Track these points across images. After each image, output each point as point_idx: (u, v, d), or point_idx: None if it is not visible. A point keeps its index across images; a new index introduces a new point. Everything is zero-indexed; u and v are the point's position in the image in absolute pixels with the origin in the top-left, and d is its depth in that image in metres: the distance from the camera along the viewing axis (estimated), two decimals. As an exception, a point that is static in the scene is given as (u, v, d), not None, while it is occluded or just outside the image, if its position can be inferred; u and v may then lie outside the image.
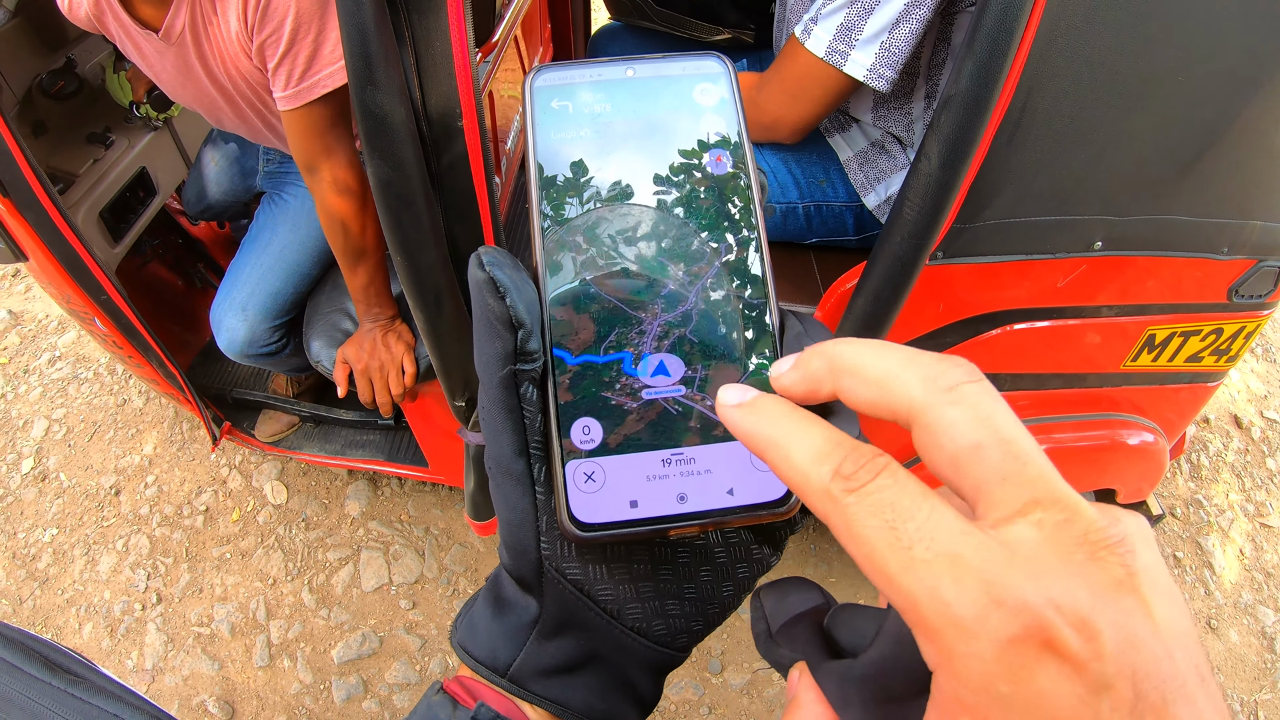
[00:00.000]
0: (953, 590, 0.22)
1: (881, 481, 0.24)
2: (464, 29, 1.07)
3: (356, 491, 2.61)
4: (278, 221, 1.92)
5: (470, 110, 1.14)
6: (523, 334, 0.32)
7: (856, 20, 1.31)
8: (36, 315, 3.48)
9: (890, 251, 1.21)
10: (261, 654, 2.29)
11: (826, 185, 1.61)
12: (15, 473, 2.89)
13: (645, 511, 0.32)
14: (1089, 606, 0.22)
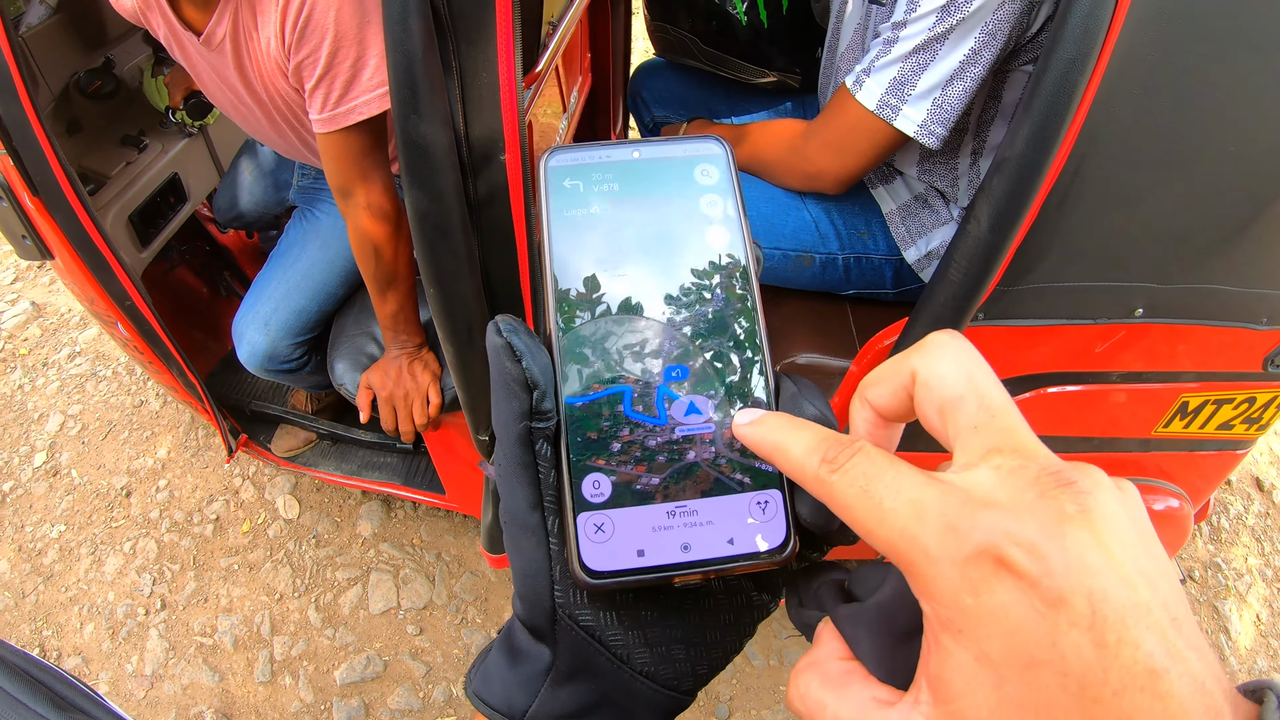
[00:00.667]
0: (916, 527, 0.27)
1: (856, 459, 0.30)
2: (513, 61, 1.06)
3: (369, 512, 2.59)
4: (308, 238, 1.90)
5: (514, 143, 1.13)
6: (538, 394, 0.35)
7: (910, 75, 1.29)
8: (59, 309, 3.49)
9: (932, 312, 1.19)
10: (263, 669, 2.26)
11: (868, 237, 1.59)
12: (27, 465, 2.88)
13: (652, 560, 0.35)
14: (1036, 532, 0.25)
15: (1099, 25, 0.96)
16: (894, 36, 1.29)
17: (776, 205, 1.58)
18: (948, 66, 1.27)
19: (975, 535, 0.26)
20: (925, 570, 0.27)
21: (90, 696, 0.58)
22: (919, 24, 1.25)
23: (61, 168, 1.52)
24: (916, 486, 0.28)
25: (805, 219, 1.58)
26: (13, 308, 3.54)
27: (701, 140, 0.42)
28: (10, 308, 3.55)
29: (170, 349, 1.87)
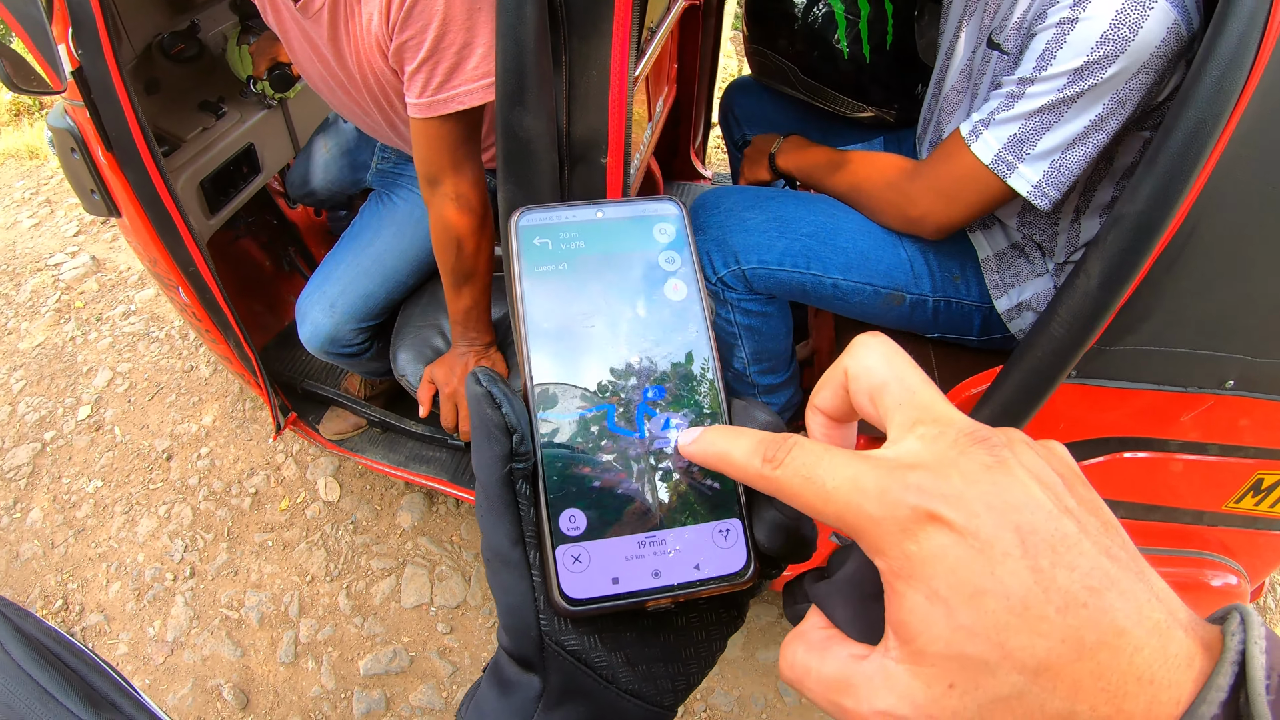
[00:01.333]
0: (858, 498, 0.30)
1: (794, 452, 0.33)
2: (626, 61, 1.03)
3: (411, 503, 2.56)
4: (382, 223, 1.87)
5: (618, 145, 1.10)
6: (516, 437, 0.38)
7: (1031, 134, 1.26)
8: (119, 266, 3.51)
9: (1029, 365, 1.15)
10: (287, 650, 2.24)
11: (960, 282, 1.56)
12: (71, 417, 2.89)
13: (625, 587, 0.38)
14: (958, 485, 0.29)
15: (1233, 87, 0.94)
16: (1018, 92, 1.26)
17: (872, 240, 1.55)
18: (1071, 130, 1.24)
19: (908, 495, 0.29)
20: (872, 532, 0.30)
21: (123, 688, 0.57)
22: (1048, 84, 1.22)
23: (139, 125, 1.50)
24: (851, 464, 0.31)
25: (900, 257, 1.54)
26: (73, 260, 3.57)
27: (658, 201, 0.45)
28: (70, 260, 3.58)
29: (229, 319, 1.85)
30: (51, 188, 4.14)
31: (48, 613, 2.36)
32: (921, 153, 1.72)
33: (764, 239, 1.57)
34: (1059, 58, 1.20)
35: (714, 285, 1.64)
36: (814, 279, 1.57)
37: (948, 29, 1.57)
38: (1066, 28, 1.18)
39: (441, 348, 1.80)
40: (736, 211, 1.60)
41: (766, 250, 1.56)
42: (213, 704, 2.15)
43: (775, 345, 1.76)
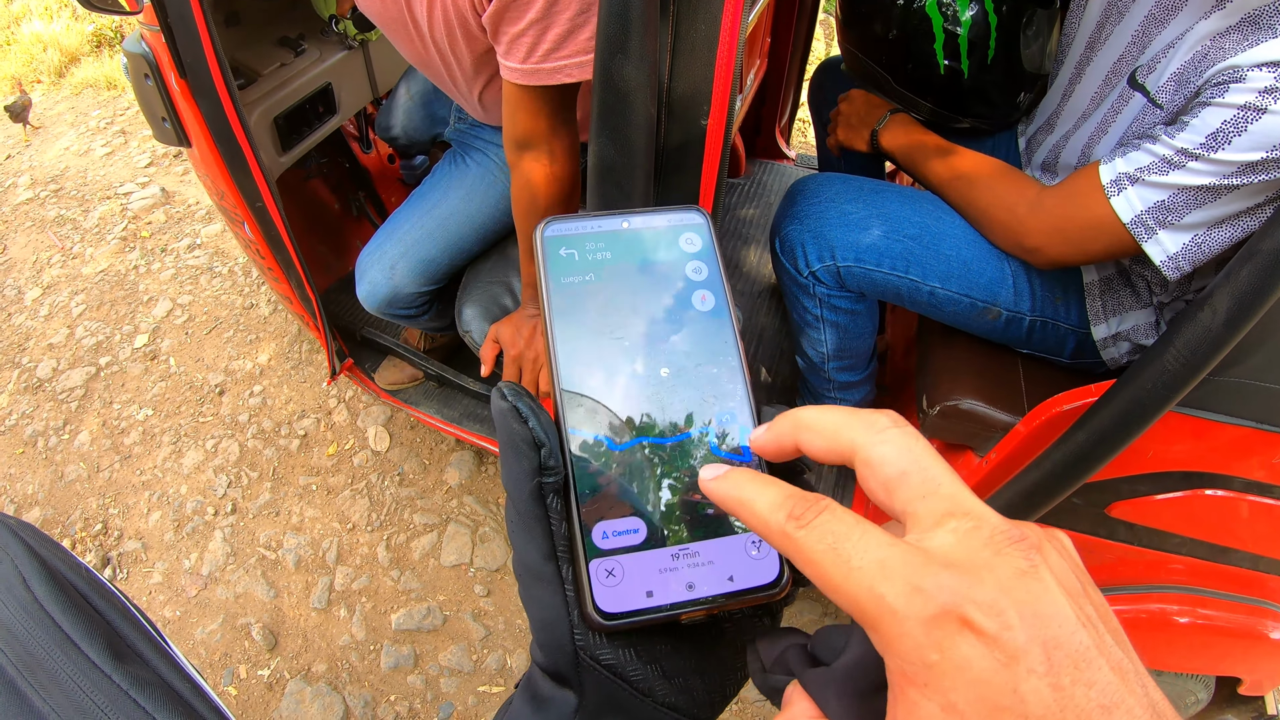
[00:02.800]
0: (883, 586, 0.28)
1: (824, 517, 0.31)
2: (739, 15, 0.96)
3: (460, 461, 2.53)
4: (451, 184, 1.81)
5: (721, 106, 1.02)
6: (545, 451, 0.38)
7: (1181, 206, 1.16)
8: (188, 199, 3.53)
9: (1133, 395, 1.07)
10: (320, 596, 2.22)
11: (1060, 304, 1.48)
12: (128, 344, 2.91)
13: (660, 600, 0.37)
14: (994, 591, 0.27)
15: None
16: (1176, 160, 1.15)
17: (977, 251, 1.47)
18: (1225, 212, 1.14)
19: (939, 596, 0.27)
20: (891, 628, 0.28)
21: (151, 637, 0.56)
22: (1214, 167, 1.11)
23: (214, 52, 1.45)
24: (882, 546, 0.29)
25: (1004, 273, 1.46)
26: (142, 190, 3.59)
27: (684, 210, 0.45)
28: (140, 190, 3.60)
29: (293, 258, 1.82)
30: (127, 119, 4.17)
31: (86, 535, 2.38)
32: (1027, 163, 1.64)
33: (864, 237, 1.49)
34: (1234, 145, 1.08)
35: (805, 279, 1.57)
36: (910, 284, 1.49)
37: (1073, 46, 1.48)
38: (1250, 116, 1.06)
39: (509, 306, 1.75)
40: (837, 203, 1.53)
41: (866, 249, 1.49)
42: (240, 642, 2.14)
43: (859, 344, 1.70)
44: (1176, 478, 1.30)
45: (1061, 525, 1.43)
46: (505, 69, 1.26)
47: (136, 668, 0.52)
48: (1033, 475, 1.21)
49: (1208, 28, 1.15)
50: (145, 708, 0.50)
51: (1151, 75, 1.23)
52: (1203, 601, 1.52)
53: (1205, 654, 1.61)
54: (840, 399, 1.83)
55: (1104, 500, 1.37)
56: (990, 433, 1.47)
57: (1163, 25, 1.23)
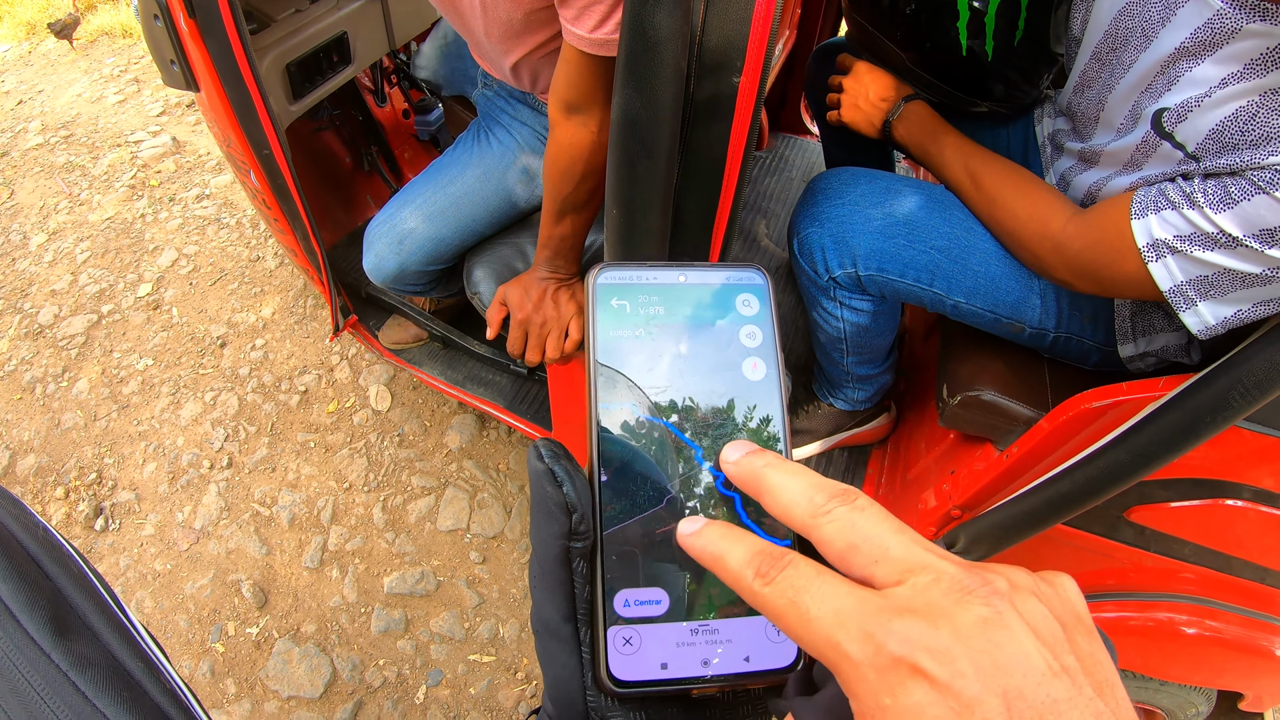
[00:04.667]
0: (839, 634, 0.29)
1: (786, 572, 0.32)
2: None
3: (461, 424, 2.49)
4: (470, 162, 1.76)
5: (756, 63, 0.97)
6: (576, 517, 0.37)
7: (1225, 286, 1.07)
8: (199, 149, 3.49)
9: (1192, 410, 1.01)
10: (313, 555, 2.19)
11: (1089, 323, 1.41)
12: (131, 293, 2.87)
13: (674, 673, 0.37)
14: (949, 638, 0.27)
15: None
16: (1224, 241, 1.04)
17: (1005, 268, 1.39)
18: (1272, 295, 1.05)
19: (890, 643, 0.28)
20: (848, 672, 0.29)
21: (105, 607, 0.53)
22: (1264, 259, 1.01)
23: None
24: (839, 595, 0.30)
25: (1032, 291, 1.40)
26: (153, 139, 3.56)
27: (744, 269, 0.44)
28: (151, 138, 3.56)
29: (299, 208, 1.77)
30: (141, 67, 4.13)
31: (81, 484, 2.35)
32: (1048, 166, 1.52)
33: (889, 246, 1.42)
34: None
35: (825, 283, 1.51)
36: (934, 296, 1.43)
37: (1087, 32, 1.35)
38: None
39: (519, 268, 1.70)
40: (861, 207, 1.45)
41: (890, 259, 1.42)
42: (230, 598, 2.11)
43: (878, 341, 1.64)
44: (1199, 485, 1.26)
45: (1077, 526, 1.39)
46: (572, 35, 1.21)
47: (82, 644, 0.49)
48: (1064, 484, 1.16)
49: (1256, 86, 1.01)
50: (84, 691, 0.46)
51: (1181, 125, 1.10)
52: (1212, 613, 1.48)
53: (1210, 666, 1.58)
54: (858, 389, 1.79)
55: (1124, 504, 1.33)
56: (1012, 426, 1.43)
57: (1195, 61, 1.08)
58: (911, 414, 1.97)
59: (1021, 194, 1.33)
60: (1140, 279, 1.14)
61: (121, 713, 0.47)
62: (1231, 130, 1.03)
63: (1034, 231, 1.30)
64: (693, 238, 1.15)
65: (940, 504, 1.51)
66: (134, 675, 0.50)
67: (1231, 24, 1.00)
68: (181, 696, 0.51)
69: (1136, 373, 1.41)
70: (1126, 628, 1.54)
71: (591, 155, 1.33)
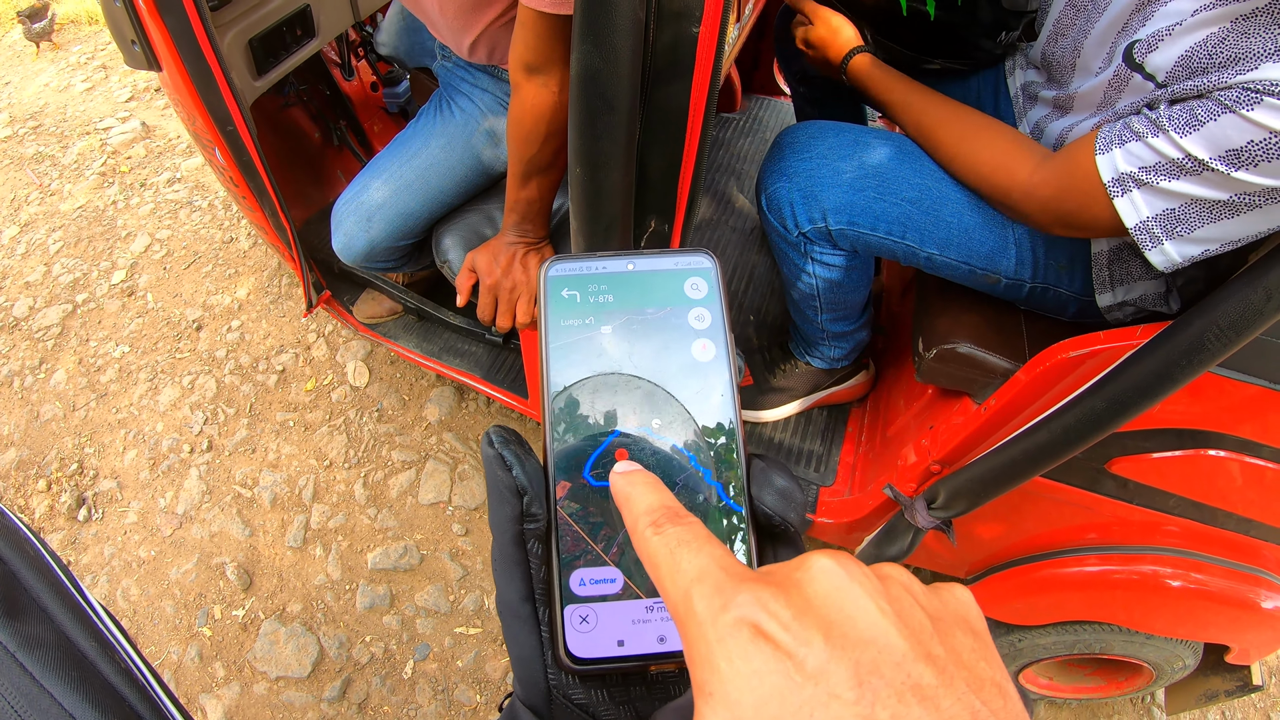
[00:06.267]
0: (696, 588, 0.28)
1: (678, 528, 0.32)
2: None
3: (440, 397, 2.48)
4: (434, 133, 1.74)
5: (714, 14, 0.95)
6: (528, 499, 0.39)
7: (1192, 219, 1.05)
8: (169, 133, 3.45)
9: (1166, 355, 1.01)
10: (296, 534, 2.18)
11: (1065, 273, 1.39)
12: (105, 280, 2.85)
13: (630, 650, 0.38)
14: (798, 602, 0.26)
15: None
16: (1190, 167, 1.02)
17: (979, 217, 1.37)
18: (1241, 231, 1.03)
19: (737, 600, 0.27)
20: (691, 631, 0.28)
21: (60, 588, 0.52)
22: (1232, 184, 0.99)
23: None
24: (716, 558, 0.30)
25: (1007, 241, 1.38)
26: (122, 125, 3.52)
27: (692, 254, 0.45)
28: (120, 124, 3.52)
29: (266, 186, 1.75)
30: (108, 54, 4.07)
31: (62, 475, 2.33)
32: (1021, 114, 1.50)
33: (859, 199, 1.40)
34: (1262, 169, 0.95)
35: (795, 238, 1.49)
36: (907, 248, 1.41)
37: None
38: None
39: (488, 235, 1.69)
40: (830, 160, 1.42)
41: (860, 212, 1.40)
42: (215, 582, 2.10)
43: (853, 296, 1.62)
44: (1181, 435, 1.26)
45: (1058, 479, 1.39)
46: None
47: (32, 624, 0.48)
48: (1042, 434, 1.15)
49: (1227, 12, 0.99)
50: (31, 671, 0.45)
51: (1152, 55, 1.09)
52: (1196, 566, 1.49)
53: (1195, 620, 1.58)
54: (834, 346, 1.78)
55: (1105, 455, 1.33)
56: (989, 379, 1.42)
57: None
58: (890, 371, 1.96)
59: (985, 144, 1.31)
60: (1109, 217, 1.13)
61: (69, 692, 0.46)
62: (1200, 55, 1.01)
63: (1003, 180, 1.29)
64: (657, 194, 1.13)
65: (920, 459, 1.51)
66: (87, 655, 0.49)
67: None
68: (139, 676, 0.50)
69: (1115, 323, 1.40)
70: (1110, 581, 1.54)
71: (554, 116, 1.31)
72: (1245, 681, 1.77)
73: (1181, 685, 1.89)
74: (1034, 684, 2.02)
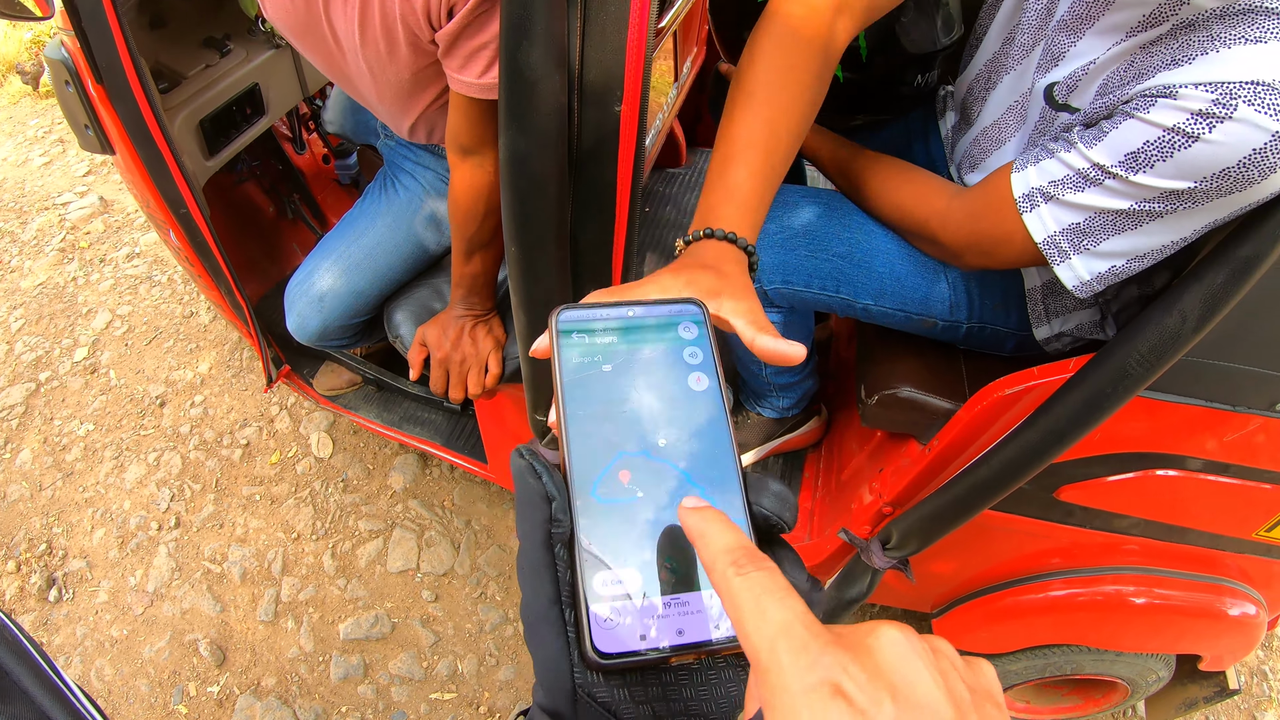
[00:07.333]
0: (781, 643, 0.31)
1: (760, 574, 0.34)
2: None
3: (404, 464, 2.49)
4: (380, 213, 1.77)
5: (634, 91, 0.98)
6: (556, 505, 0.42)
7: (1098, 230, 1.06)
8: (126, 207, 3.45)
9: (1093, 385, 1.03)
10: (267, 608, 2.18)
11: (999, 310, 1.41)
12: (68, 358, 2.84)
13: (652, 644, 0.41)
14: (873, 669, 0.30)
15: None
16: (1094, 176, 1.04)
17: (910, 265, 1.40)
18: (1147, 244, 1.05)
19: (822, 661, 0.30)
20: (773, 680, 0.30)
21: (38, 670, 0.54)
22: (1134, 190, 1.00)
23: (130, 55, 1.41)
24: (798, 613, 0.32)
25: (941, 290, 1.40)
26: (81, 200, 3.52)
27: (684, 302, 0.51)
28: (78, 199, 3.53)
29: (221, 266, 1.77)
30: (65, 127, 4.08)
31: (31, 556, 2.32)
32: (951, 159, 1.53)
33: (790, 258, 1.41)
34: (1158, 169, 0.96)
35: None
36: (842, 302, 1.43)
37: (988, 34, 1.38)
38: (1178, 141, 0.94)
39: (437, 309, 1.72)
40: None
41: (793, 270, 1.42)
42: (189, 659, 2.09)
43: None
44: (1127, 459, 1.29)
45: (1009, 511, 1.41)
46: (459, 83, 1.25)
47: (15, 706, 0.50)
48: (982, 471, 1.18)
49: (1135, 43, 1.03)
50: None
51: (1073, 95, 1.12)
52: (1159, 581, 1.52)
53: (1164, 633, 1.61)
54: (782, 397, 1.80)
55: (1052, 484, 1.35)
56: (932, 420, 1.44)
57: (1075, 36, 1.11)
58: (842, 415, 1.98)
59: (905, 182, 1.34)
60: (1018, 236, 1.14)
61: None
62: (1113, 82, 1.05)
63: (922, 211, 1.30)
64: (592, 266, 1.16)
65: (872, 502, 1.53)
66: None
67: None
68: None
69: (1054, 353, 1.42)
70: (1075, 604, 1.56)
71: (490, 194, 1.35)
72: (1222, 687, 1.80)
73: (1161, 696, 1.92)
74: (1012, 709, 2.03)
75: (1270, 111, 0.87)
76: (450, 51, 1.24)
